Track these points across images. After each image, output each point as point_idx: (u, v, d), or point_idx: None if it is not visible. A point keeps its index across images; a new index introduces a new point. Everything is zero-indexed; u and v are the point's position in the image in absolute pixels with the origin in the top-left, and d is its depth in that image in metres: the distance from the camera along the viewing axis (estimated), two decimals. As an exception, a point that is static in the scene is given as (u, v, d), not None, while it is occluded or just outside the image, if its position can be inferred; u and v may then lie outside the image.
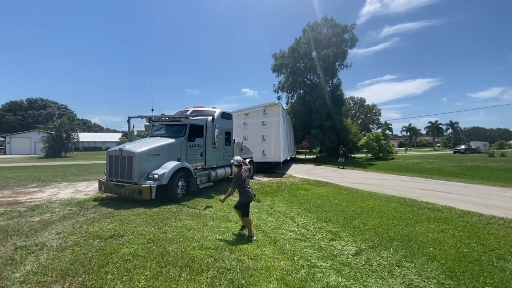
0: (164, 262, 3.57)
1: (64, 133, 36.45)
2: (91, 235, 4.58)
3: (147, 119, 8.78)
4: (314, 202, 7.98)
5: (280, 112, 14.79)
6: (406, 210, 6.93)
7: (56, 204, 7.00)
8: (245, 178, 5.06)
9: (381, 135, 29.65)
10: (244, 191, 5.03)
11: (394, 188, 10.78)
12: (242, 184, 5.01)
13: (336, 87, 30.83)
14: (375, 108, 64.57)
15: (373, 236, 5.07)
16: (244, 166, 5.21)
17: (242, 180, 4.99)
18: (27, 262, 3.55)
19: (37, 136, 38.52)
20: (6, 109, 68.59)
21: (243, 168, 5.12)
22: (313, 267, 3.86)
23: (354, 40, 28.97)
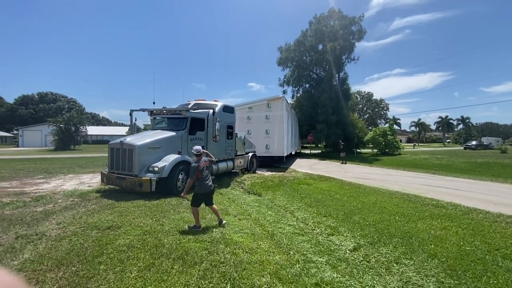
0: (158, 254, 3.58)
1: (72, 126, 37.14)
2: (89, 225, 4.64)
3: (149, 112, 8.79)
4: (315, 197, 7.89)
5: (284, 106, 14.61)
6: (408, 206, 6.78)
7: (59, 195, 7.13)
8: (203, 168, 5.02)
9: (388, 130, 29.10)
10: (200, 181, 5.01)
11: (398, 183, 10.58)
12: (199, 174, 4.98)
13: (342, 81, 30.30)
14: (383, 102, 63.50)
15: (373, 232, 4.97)
16: (204, 158, 5.21)
17: (199, 170, 4.96)
18: (26, 250, 3.62)
19: (48, 129, 39.41)
20: (19, 103, 70.26)
21: (202, 159, 5.11)
22: (309, 262, 3.80)
23: (362, 32, 28.28)
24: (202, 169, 5.00)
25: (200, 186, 5.03)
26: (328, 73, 29.09)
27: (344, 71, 30.31)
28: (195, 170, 4.92)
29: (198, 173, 4.97)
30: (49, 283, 2.82)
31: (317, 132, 27.54)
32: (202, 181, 5.02)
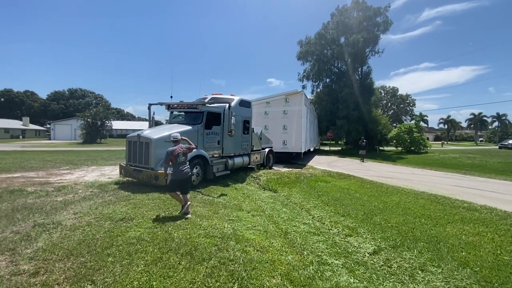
0: (166, 248, 3.51)
1: (99, 121, 38.99)
2: (103, 216, 4.69)
3: (166, 106, 8.84)
4: (333, 195, 7.55)
5: (303, 101, 14.18)
6: (436, 208, 6.25)
7: (80, 186, 7.37)
8: (178, 154, 4.98)
9: (414, 127, 27.50)
10: (176, 167, 5.01)
11: (425, 183, 9.89)
12: (173, 160, 4.96)
13: (365, 75, 29.00)
14: (409, 98, 60.24)
15: (395, 235, 4.60)
16: (181, 144, 5.20)
17: (173, 155, 4.93)
18: (40, 239, 3.69)
19: (77, 123, 41.65)
20: (51, 99, 74.97)
21: (178, 145, 5.10)
22: (323, 264, 3.56)
23: (387, 23, 26.79)
24: (177, 155, 4.98)
25: (175, 172, 5.03)
26: (350, 67, 27.96)
27: (367, 65, 28.98)
28: (168, 155, 4.95)
29: (173, 158, 4.96)
30: (56, 273, 2.82)
31: (337, 128, 26.68)
32: (177, 167, 5.02)
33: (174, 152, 4.98)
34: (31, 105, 72.64)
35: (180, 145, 5.16)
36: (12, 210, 4.90)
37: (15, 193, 6.22)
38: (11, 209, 4.96)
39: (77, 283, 2.66)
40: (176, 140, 5.21)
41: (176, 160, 5.01)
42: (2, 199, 5.69)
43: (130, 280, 2.73)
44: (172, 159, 5.00)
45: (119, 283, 2.69)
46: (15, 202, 5.46)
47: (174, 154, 4.98)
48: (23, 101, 72.44)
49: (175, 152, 4.99)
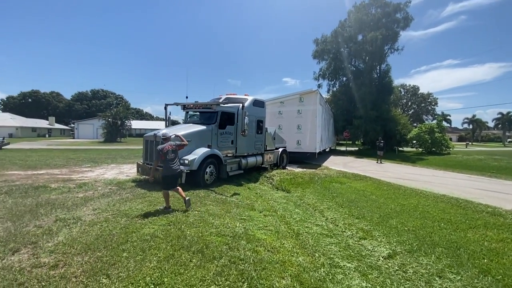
0: (178, 245, 3.57)
1: (119, 120, 40.47)
2: (120, 213, 4.86)
3: (182, 106, 9.02)
4: (348, 197, 7.38)
5: (318, 100, 13.95)
6: (457, 213, 5.95)
7: (100, 183, 7.68)
8: (168, 151, 5.15)
9: (435, 126, 26.35)
10: (165, 164, 5.18)
11: (446, 186, 9.44)
12: (163, 157, 5.14)
13: (384, 74, 28.10)
14: (430, 97, 57.67)
15: (412, 239, 4.42)
16: (171, 142, 5.42)
17: (163, 153, 5.12)
18: (61, 233, 3.88)
19: (98, 123, 43.44)
20: (75, 99, 78.62)
21: (168, 143, 5.31)
22: (335, 267, 3.49)
23: (408, 20, 25.83)
24: (166, 152, 5.16)
25: (165, 168, 5.19)
26: (368, 65, 27.23)
27: (386, 63, 28.12)
28: (158, 152, 5.17)
29: (162, 155, 5.15)
30: (74, 266, 2.95)
31: (354, 128, 26.10)
32: (166, 163, 5.18)
33: (163, 149, 5.16)
34: (56, 106, 76.58)
35: (169, 143, 5.36)
36: (36, 205, 5.19)
37: (39, 189, 6.59)
38: (35, 204, 5.25)
39: (93, 277, 2.77)
40: (166, 137, 5.42)
41: (165, 157, 5.17)
42: (27, 195, 6.04)
43: (143, 276, 2.81)
44: (162, 156, 5.17)
45: (132, 278, 2.77)
46: (39, 198, 5.79)
47: (164, 151, 5.15)
48: (49, 101, 76.48)
49: (164, 150, 5.16)
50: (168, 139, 5.43)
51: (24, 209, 4.95)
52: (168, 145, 5.27)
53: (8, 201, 5.54)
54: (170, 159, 5.21)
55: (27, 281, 2.67)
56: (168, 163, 5.21)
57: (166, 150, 5.19)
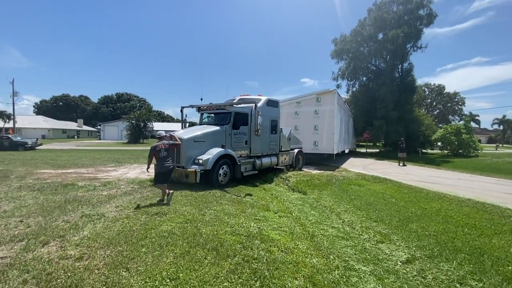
0: (194, 242, 3.67)
1: (142, 122, 42.10)
2: (141, 210, 5.07)
3: (197, 108, 9.24)
4: (367, 199, 7.19)
5: (335, 100, 13.68)
6: (482, 218, 5.60)
7: (123, 181, 8.05)
8: (161, 150, 5.59)
9: (462, 127, 24.91)
10: (159, 161, 5.61)
11: (472, 190, 8.91)
12: (156, 155, 5.58)
13: (406, 73, 26.98)
14: (457, 96, 54.58)
15: (433, 244, 4.23)
16: (165, 141, 5.83)
17: (156, 151, 5.57)
18: (86, 228, 4.12)
19: (123, 125, 45.47)
20: (101, 102, 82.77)
21: (161, 141, 5.74)
22: (350, 270, 3.42)
23: (431, 16, 24.64)
24: (159, 150, 5.60)
25: (159, 165, 5.64)
26: (389, 64, 26.28)
27: (408, 61, 26.91)
28: (151, 151, 5.63)
29: (155, 153, 5.59)
30: (97, 259, 3.13)
31: (374, 129, 25.28)
32: (160, 161, 5.60)
33: (156, 147, 5.62)
34: (84, 109, 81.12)
35: (162, 142, 5.78)
36: (65, 202, 5.55)
37: (68, 187, 7.04)
38: (63, 201, 5.62)
39: (114, 269, 2.92)
40: (160, 137, 5.91)
41: (158, 155, 5.60)
42: (57, 192, 6.48)
43: (160, 270, 2.93)
44: (155, 154, 5.62)
45: (150, 272, 2.89)
46: (67, 195, 6.18)
47: (157, 149, 5.61)
48: (78, 104, 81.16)
49: (157, 148, 5.61)
50: (162, 138, 5.88)
51: (54, 205, 5.31)
52: (161, 144, 5.70)
53: (40, 197, 5.98)
54: (162, 157, 5.62)
55: (55, 271, 2.87)
56: (161, 161, 5.62)
57: (159, 149, 5.62)
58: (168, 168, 5.67)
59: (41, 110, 75.66)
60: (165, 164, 5.63)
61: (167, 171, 5.69)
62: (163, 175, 5.66)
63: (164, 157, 5.64)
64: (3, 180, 8.03)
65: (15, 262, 3.04)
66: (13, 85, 37.52)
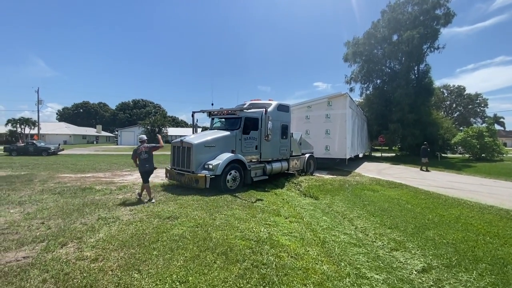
0: (204, 247, 3.72)
1: (156, 128, 43.25)
2: (153, 214, 5.20)
3: (207, 113, 9.39)
4: (381, 205, 7.00)
5: (347, 104, 13.50)
6: (506, 226, 5.30)
7: (137, 186, 8.25)
8: (141, 152, 6.25)
9: (485, 130, 23.72)
10: (140, 162, 6.31)
11: (495, 196, 8.46)
12: (137, 157, 6.30)
13: (423, 74, 26.21)
14: (479, 97, 52.28)
15: (451, 253, 4.06)
16: (146, 144, 6.43)
17: (137, 154, 6.28)
18: (102, 230, 4.28)
19: (139, 130, 46.87)
20: (119, 109, 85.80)
21: (143, 145, 6.34)
22: (362, 278, 3.34)
23: (449, 16, 23.92)
24: (140, 153, 6.26)
25: (140, 166, 6.32)
26: (404, 66, 25.66)
27: (425, 63, 26.21)
28: (133, 154, 6.37)
29: (136, 156, 6.31)
30: (111, 261, 3.24)
31: (390, 133, 24.68)
32: (141, 162, 6.29)
33: (137, 150, 6.30)
34: (103, 115, 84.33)
35: (144, 145, 6.37)
36: (83, 205, 5.79)
37: (86, 191, 7.33)
38: (82, 204, 5.86)
39: (126, 271, 3.02)
40: (142, 140, 6.54)
41: (139, 157, 6.27)
42: (76, 195, 6.76)
43: (170, 273, 2.99)
44: (136, 156, 6.34)
45: (161, 275, 2.96)
46: (85, 198, 6.44)
47: (138, 152, 6.29)
48: (97, 111, 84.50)
49: (138, 151, 6.29)
50: (144, 142, 6.48)
51: (73, 208, 5.55)
52: (142, 147, 6.31)
53: (60, 200, 6.27)
54: (143, 158, 6.27)
55: (72, 271, 3.00)
56: (142, 162, 6.28)
57: (140, 151, 6.27)
58: (148, 169, 6.30)
59: (63, 117, 79.41)
60: (146, 165, 6.28)
61: (147, 171, 6.31)
62: (146, 174, 6.29)
63: (145, 159, 6.28)
64: (27, 183, 8.47)
65: (36, 262, 3.21)
66: (38, 94, 39.74)
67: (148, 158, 6.32)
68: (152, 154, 6.51)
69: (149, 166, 6.30)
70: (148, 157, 6.32)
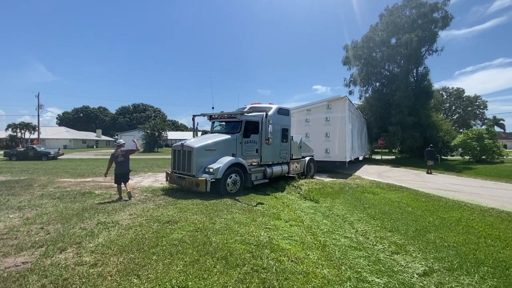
0: (204, 251, 3.70)
1: (156, 132, 43.23)
2: (153, 218, 5.18)
3: (208, 117, 9.41)
4: (381, 208, 6.98)
5: (347, 107, 13.52)
6: (508, 228, 5.27)
7: (137, 190, 8.26)
8: (117, 156, 6.86)
9: (484, 132, 23.75)
10: (116, 165, 6.90)
11: (496, 198, 8.44)
12: (115, 160, 6.87)
13: (422, 77, 26.33)
14: (478, 100, 52.48)
15: (453, 256, 4.03)
16: (123, 148, 7.05)
17: (114, 157, 6.87)
18: (101, 235, 4.26)
19: (138, 134, 46.83)
20: (119, 113, 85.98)
21: (119, 149, 6.97)
22: (362, 282, 3.32)
23: (447, 19, 24.11)
24: (116, 156, 6.85)
25: (117, 168, 6.86)
26: (403, 68, 25.75)
27: (423, 65, 26.35)
28: (111, 157, 6.94)
29: (114, 159, 6.87)
30: (110, 266, 3.22)
31: (389, 136, 24.68)
32: (117, 165, 6.86)
33: (114, 154, 6.89)
34: (103, 119, 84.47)
35: (121, 149, 6.97)
36: (82, 210, 5.77)
37: (85, 195, 7.31)
38: (81, 209, 5.85)
39: (125, 276, 3.00)
40: (119, 145, 7.12)
41: (116, 160, 6.85)
42: (75, 200, 6.75)
43: (169, 278, 2.97)
44: (114, 160, 6.89)
45: (160, 280, 2.94)
46: (85, 203, 6.43)
47: (115, 155, 6.88)
48: (97, 115, 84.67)
49: (115, 154, 6.88)
50: (121, 146, 7.05)
51: (72, 213, 5.53)
52: (119, 151, 6.91)
53: (60, 205, 6.25)
54: (120, 161, 6.86)
55: (70, 277, 2.98)
56: (118, 165, 6.85)
57: (117, 155, 6.87)
58: (124, 171, 6.93)
59: (63, 121, 79.56)
60: (122, 167, 6.88)
61: (123, 173, 6.91)
62: (121, 176, 6.88)
63: (121, 162, 6.89)
64: (27, 188, 8.46)
65: (35, 268, 3.19)
66: (38, 99, 39.86)
67: (124, 161, 6.95)
68: (128, 158, 7.11)
69: (124, 169, 6.91)
70: (124, 160, 6.95)
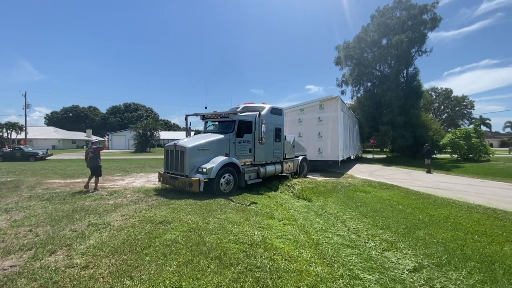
0: (197, 251, 3.69)
1: (148, 132, 42.71)
2: (146, 219, 5.12)
3: (201, 116, 9.36)
4: (373, 206, 7.10)
5: (339, 107, 13.69)
6: (494, 224, 5.45)
7: (129, 191, 8.15)
8: (88, 152, 8.19)
9: (472, 131, 24.43)
10: (88, 160, 8.19)
11: (483, 196, 8.70)
12: (86, 156, 8.23)
13: (412, 77, 26.89)
14: (466, 100, 53.86)
15: (441, 252, 4.14)
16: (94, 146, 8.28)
17: (86, 153, 8.25)
18: (92, 237, 4.19)
19: (130, 134, 46.22)
20: (109, 113, 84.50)
21: (92, 146, 8.24)
22: (355, 279, 3.37)
23: (436, 20, 24.66)
24: (88, 153, 8.18)
25: (88, 162, 8.17)
26: (394, 69, 26.23)
27: (413, 66, 26.90)
28: (85, 153, 8.33)
29: (86, 155, 8.23)
30: (102, 268, 3.17)
31: (381, 135, 25.10)
32: (89, 160, 8.13)
33: (87, 151, 8.25)
34: (93, 119, 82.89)
35: (92, 147, 8.20)
36: (72, 211, 5.65)
37: (76, 196, 7.17)
38: (71, 210, 5.72)
39: (118, 278, 2.96)
40: (92, 142, 8.44)
41: (88, 156, 8.15)
42: (65, 201, 6.60)
43: (163, 279, 2.95)
44: (86, 156, 8.24)
45: (153, 281, 2.92)
46: (75, 204, 6.29)
47: (87, 152, 8.24)
48: (87, 115, 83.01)
49: (88, 151, 8.22)
50: (93, 144, 8.32)
51: (62, 214, 5.41)
52: (90, 149, 8.17)
53: (49, 207, 6.11)
54: (91, 157, 8.11)
55: (61, 280, 2.92)
56: (90, 159, 8.12)
57: (88, 152, 8.19)
58: (94, 165, 8.09)
59: (52, 121, 77.65)
60: (92, 161, 8.09)
61: (92, 167, 8.11)
62: (92, 169, 8.13)
63: (92, 157, 8.11)
64: (14, 190, 8.24)
65: (24, 271, 3.11)
66: (25, 98, 38.84)
67: (94, 157, 8.13)
68: (97, 154, 8.23)
69: (92, 163, 8.09)
70: (94, 156, 8.14)
